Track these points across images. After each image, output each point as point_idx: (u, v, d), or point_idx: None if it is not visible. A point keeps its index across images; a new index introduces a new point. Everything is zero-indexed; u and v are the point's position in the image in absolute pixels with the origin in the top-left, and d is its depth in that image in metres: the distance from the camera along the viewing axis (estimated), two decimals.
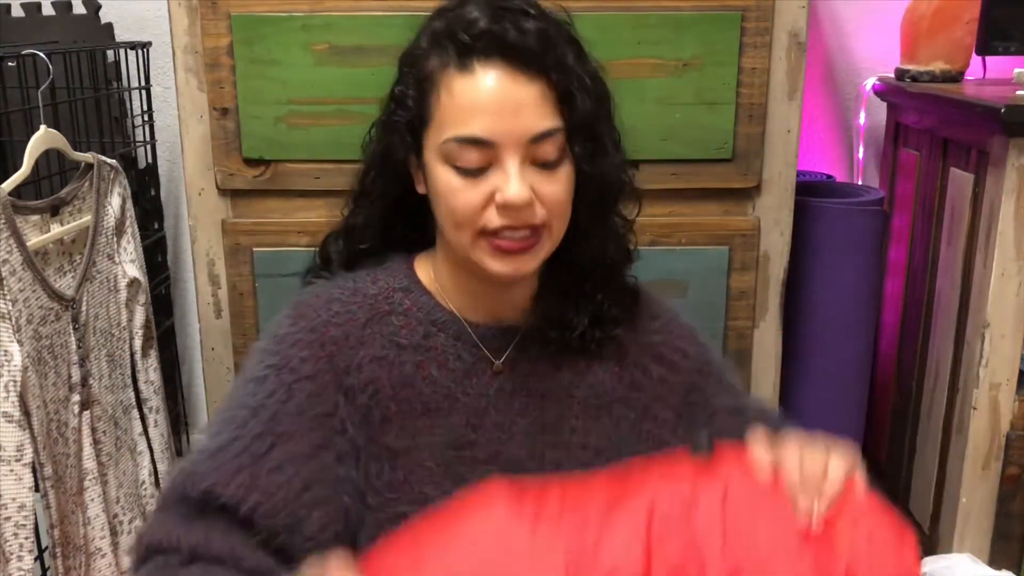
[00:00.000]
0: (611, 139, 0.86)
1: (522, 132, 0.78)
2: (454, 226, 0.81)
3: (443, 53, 0.80)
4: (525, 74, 0.78)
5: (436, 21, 0.83)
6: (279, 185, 1.36)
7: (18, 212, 1.25)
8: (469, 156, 0.78)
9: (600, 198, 0.85)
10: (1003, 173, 1.33)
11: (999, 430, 1.43)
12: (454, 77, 0.79)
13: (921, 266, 1.65)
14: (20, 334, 1.22)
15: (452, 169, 0.79)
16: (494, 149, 0.78)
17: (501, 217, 0.79)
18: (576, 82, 0.80)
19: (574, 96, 0.80)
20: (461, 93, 0.79)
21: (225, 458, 0.79)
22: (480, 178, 0.79)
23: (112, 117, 1.73)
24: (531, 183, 0.79)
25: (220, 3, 1.29)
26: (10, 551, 1.21)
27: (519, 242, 0.80)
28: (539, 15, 0.81)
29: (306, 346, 0.83)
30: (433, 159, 0.81)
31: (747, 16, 1.31)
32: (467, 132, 0.78)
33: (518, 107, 0.78)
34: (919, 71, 1.67)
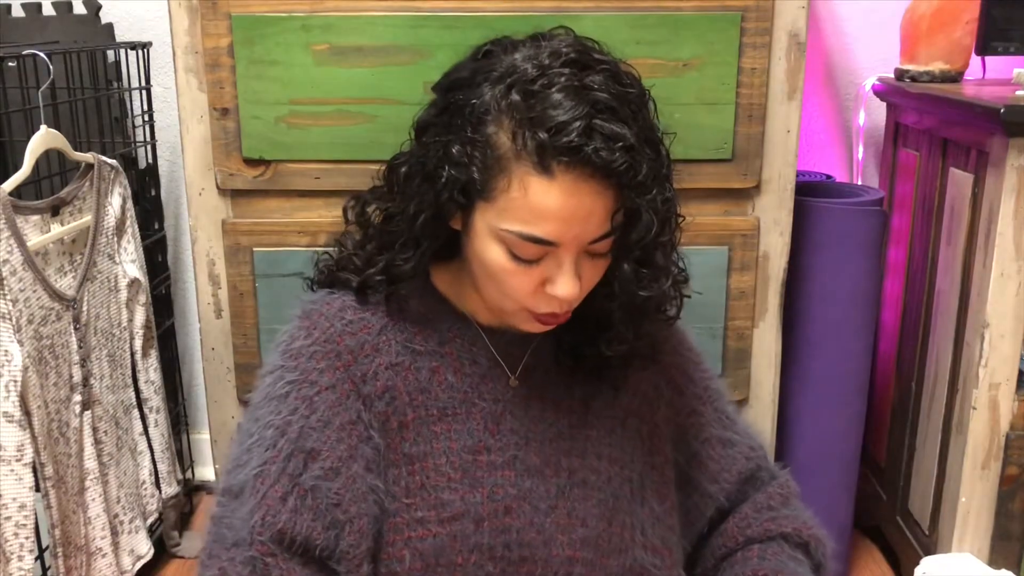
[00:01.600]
0: (664, 265, 0.83)
1: (585, 236, 0.77)
2: (498, 295, 0.81)
3: (520, 140, 0.74)
4: (601, 183, 0.74)
5: (513, 93, 0.75)
6: (279, 185, 1.36)
7: (18, 212, 1.25)
8: (529, 250, 0.77)
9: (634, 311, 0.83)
10: (1003, 173, 1.34)
11: (999, 430, 1.43)
12: (531, 175, 0.74)
13: (921, 266, 1.65)
14: (21, 334, 1.22)
15: (507, 253, 0.78)
16: (555, 247, 0.77)
17: (549, 305, 0.80)
18: (644, 205, 0.77)
19: (639, 218, 0.77)
20: (535, 195, 0.74)
21: (266, 486, 0.79)
22: (534, 267, 0.78)
23: (112, 117, 1.73)
24: (579, 271, 0.79)
25: (220, 3, 1.29)
26: (11, 551, 1.22)
27: (557, 317, 0.82)
28: (628, 110, 0.76)
29: (323, 357, 0.83)
30: (485, 232, 0.78)
31: (747, 16, 1.32)
32: (535, 233, 0.75)
33: (588, 215, 0.75)
34: (919, 71, 1.67)
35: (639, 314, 0.84)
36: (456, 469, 0.83)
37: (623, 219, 0.77)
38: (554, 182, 0.74)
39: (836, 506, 1.65)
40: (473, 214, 0.79)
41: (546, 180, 0.74)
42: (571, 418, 0.88)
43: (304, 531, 0.78)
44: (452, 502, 0.81)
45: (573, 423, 0.88)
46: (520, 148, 0.74)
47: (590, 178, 0.74)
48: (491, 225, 0.77)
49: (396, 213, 0.86)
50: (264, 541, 0.77)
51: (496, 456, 0.84)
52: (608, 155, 0.72)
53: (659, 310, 0.89)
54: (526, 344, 0.88)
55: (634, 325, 0.85)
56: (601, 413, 0.89)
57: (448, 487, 0.83)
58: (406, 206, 0.83)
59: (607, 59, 0.78)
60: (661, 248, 0.81)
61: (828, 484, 1.63)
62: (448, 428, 0.84)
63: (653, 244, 0.79)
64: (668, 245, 0.83)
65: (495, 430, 0.85)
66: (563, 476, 0.85)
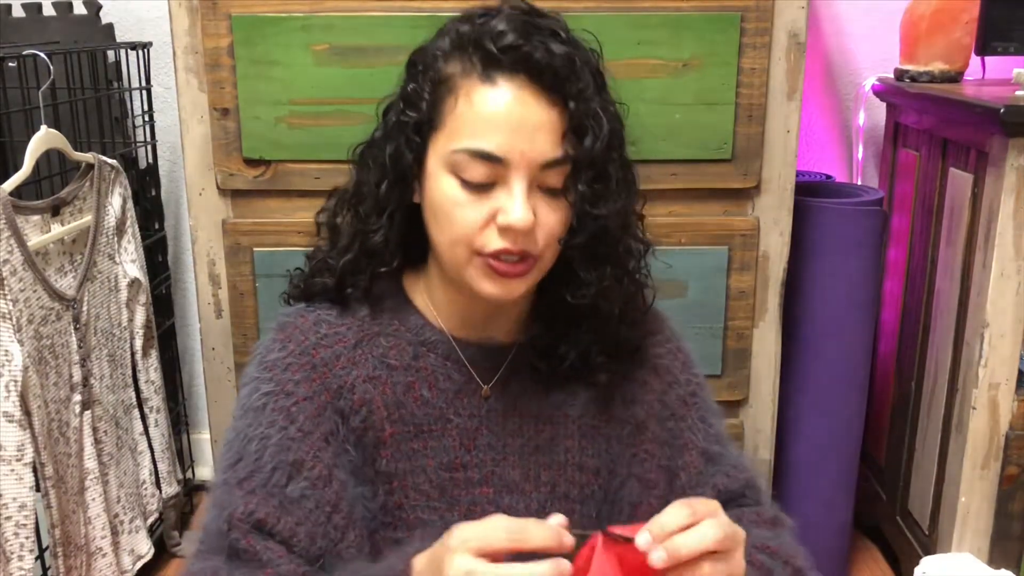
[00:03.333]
0: (620, 182, 0.82)
1: (535, 156, 0.76)
2: (450, 242, 0.79)
3: (466, 59, 0.78)
4: (547, 97, 0.76)
5: (462, 25, 0.81)
6: (279, 185, 1.36)
7: (19, 212, 1.25)
8: (477, 170, 0.76)
9: (593, 241, 0.82)
10: (1002, 173, 1.34)
11: (998, 430, 1.43)
12: (475, 85, 0.77)
13: (920, 266, 1.65)
14: (21, 334, 1.22)
15: (457, 181, 0.77)
16: (504, 168, 0.76)
17: (500, 239, 0.77)
18: (592, 118, 0.78)
19: (586, 132, 0.78)
20: (481, 103, 0.77)
21: (252, 486, 0.78)
22: (484, 195, 0.77)
23: (113, 117, 1.73)
24: (534, 208, 0.77)
25: (220, 3, 1.29)
26: (11, 551, 1.22)
27: (513, 266, 0.78)
28: (568, 40, 0.79)
29: (298, 369, 0.82)
30: (438, 167, 0.79)
31: (747, 16, 1.32)
32: (481, 146, 0.76)
33: (535, 129, 0.76)
34: (918, 71, 1.67)
35: (598, 244, 0.82)
36: (434, 487, 0.82)
37: (574, 141, 0.77)
38: (498, 89, 0.76)
39: (836, 506, 1.65)
40: (427, 160, 0.80)
41: (490, 87, 0.76)
42: (549, 430, 0.86)
43: (287, 532, 0.76)
44: (431, 522, 0.80)
45: (551, 435, 0.86)
46: (465, 64, 0.78)
47: (534, 86, 0.76)
48: (442, 155, 0.78)
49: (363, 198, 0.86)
50: (246, 528, 0.76)
51: (473, 473, 0.83)
52: (548, 58, 0.76)
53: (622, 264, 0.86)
54: (502, 356, 0.87)
55: (596, 265, 0.83)
56: (580, 422, 0.87)
57: (427, 506, 0.82)
58: (370, 179, 0.85)
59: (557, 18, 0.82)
60: (613, 164, 0.81)
61: (828, 484, 1.63)
62: (424, 445, 0.83)
63: (604, 157, 0.79)
64: (620, 162, 0.82)
65: (471, 446, 0.84)
66: (543, 490, 0.84)
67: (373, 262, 0.85)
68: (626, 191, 0.83)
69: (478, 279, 0.79)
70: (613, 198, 0.80)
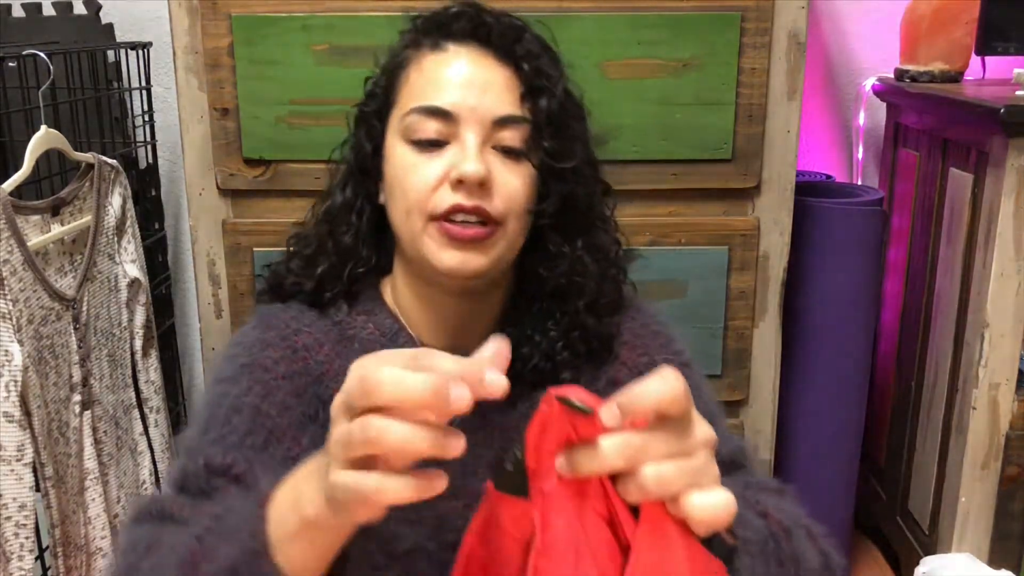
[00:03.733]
0: (584, 155, 0.82)
1: (486, 111, 0.76)
2: (405, 212, 0.77)
3: (418, 39, 0.81)
4: (496, 57, 0.78)
5: (417, 20, 0.83)
6: (279, 185, 1.36)
7: (19, 212, 1.25)
8: (428, 128, 0.76)
9: (564, 211, 0.81)
10: (1002, 173, 1.34)
11: (998, 430, 1.43)
12: (426, 55, 0.79)
13: (920, 266, 1.65)
14: (21, 334, 1.22)
15: (409, 145, 0.77)
16: (455, 124, 0.76)
17: (454, 195, 0.75)
18: (546, 80, 0.79)
19: (541, 92, 0.78)
20: (430, 68, 0.78)
21: (225, 445, 0.73)
22: (436, 153, 0.76)
23: (113, 117, 1.73)
24: (489, 165, 0.76)
25: (220, 3, 1.29)
26: (11, 551, 1.22)
27: (470, 229, 0.75)
28: (521, 23, 0.81)
29: (278, 349, 0.79)
30: (393, 140, 0.79)
31: (747, 16, 1.32)
32: (429, 102, 0.76)
33: (486, 85, 0.76)
34: (919, 71, 1.67)
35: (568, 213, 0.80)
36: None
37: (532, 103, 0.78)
38: (447, 53, 0.79)
39: (836, 506, 1.65)
40: (387, 141, 0.81)
41: (440, 54, 0.79)
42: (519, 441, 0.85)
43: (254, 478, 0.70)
44: (402, 536, 0.78)
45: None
46: (418, 42, 0.80)
47: (483, 49, 0.78)
48: (396, 127, 0.79)
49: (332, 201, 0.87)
50: (208, 469, 0.71)
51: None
52: (496, 24, 0.78)
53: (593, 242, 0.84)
54: None
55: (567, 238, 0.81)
56: None
57: (396, 517, 0.79)
58: (337, 181, 0.87)
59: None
60: (573, 127, 0.81)
61: (828, 484, 1.63)
62: None
63: (562, 117, 0.79)
64: (582, 137, 0.83)
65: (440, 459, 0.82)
66: None
67: (347, 262, 0.84)
68: (590, 165, 0.84)
69: (435, 250, 0.76)
70: (576, 156, 0.80)
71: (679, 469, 0.52)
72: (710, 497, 0.52)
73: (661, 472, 0.51)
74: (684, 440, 0.52)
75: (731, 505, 0.53)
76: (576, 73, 0.84)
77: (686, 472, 0.52)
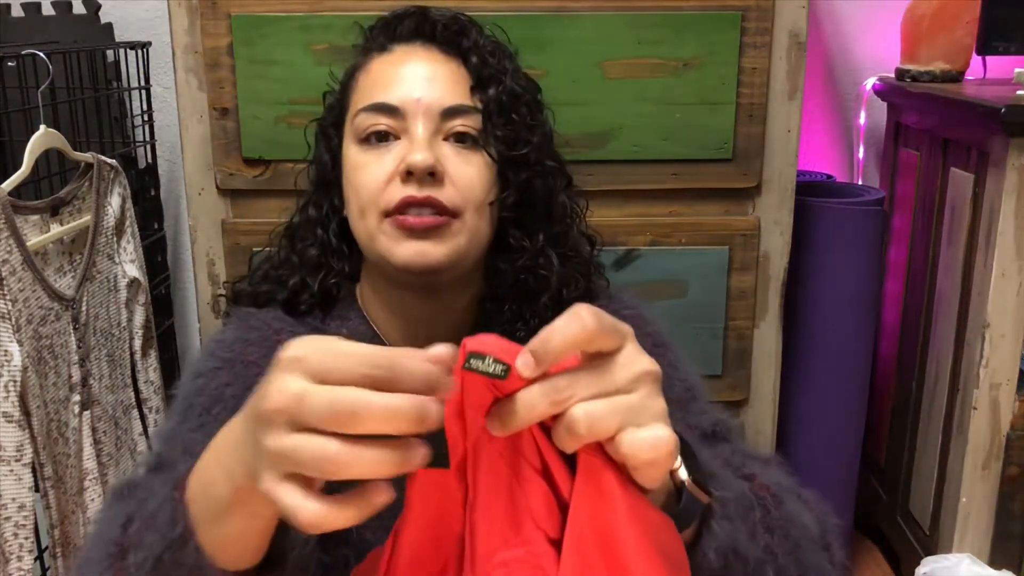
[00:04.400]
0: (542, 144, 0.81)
1: (432, 100, 0.76)
2: (359, 212, 0.77)
3: (368, 46, 0.82)
4: (443, 52, 0.79)
5: (366, 29, 0.85)
6: (279, 185, 1.36)
7: (18, 212, 1.25)
8: (377, 124, 0.76)
9: (525, 204, 0.79)
10: (1003, 173, 1.33)
11: (999, 430, 1.43)
12: (373, 58, 0.81)
13: (921, 266, 1.65)
14: (20, 334, 1.22)
15: (360, 145, 0.77)
16: (403, 119, 0.76)
17: (405, 187, 0.74)
18: (494, 69, 0.79)
19: (490, 81, 0.78)
20: (377, 69, 0.79)
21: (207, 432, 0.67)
22: (386, 149, 0.76)
23: (112, 117, 1.72)
24: (440, 156, 0.75)
25: (220, 3, 1.29)
26: (10, 551, 1.21)
27: (424, 219, 0.73)
28: (468, 20, 0.82)
29: (260, 347, 0.78)
30: (347, 144, 0.79)
31: (747, 16, 1.31)
32: (375, 99, 0.77)
33: (432, 78, 0.77)
34: (919, 71, 1.67)
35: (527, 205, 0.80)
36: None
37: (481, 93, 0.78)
38: (393, 54, 0.80)
39: (836, 506, 1.63)
40: (343, 150, 0.81)
41: (386, 55, 0.80)
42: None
43: None
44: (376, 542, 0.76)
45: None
46: (367, 47, 0.82)
47: (429, 45, 0.79)
48: (348, 130, 0.79)
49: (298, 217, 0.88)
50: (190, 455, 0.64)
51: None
52: (440, 19, 0.79)
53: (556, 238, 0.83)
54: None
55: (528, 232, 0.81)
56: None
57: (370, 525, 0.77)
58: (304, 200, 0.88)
59: None
60: (527, 107, 0.81)
61: (828, 484, 1.63)
62: None
63: (513, 104, 0.79)
64: (534, 105, 0.82)
65: None
66: None
67: (316, 275, 0.84)
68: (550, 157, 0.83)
69: (391, 246, 0.75)
70: (532, 145, 0.80)
71: (611, 405, 0.48)
72: (645, 433, 0.48)
73: (590, 410, 0.47)
74: (616, 375, 0.48)
75: (670, 442, 0.49)
76: (576, 73, 0.84)
77: (620, 409, 0.48)
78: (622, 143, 1.33)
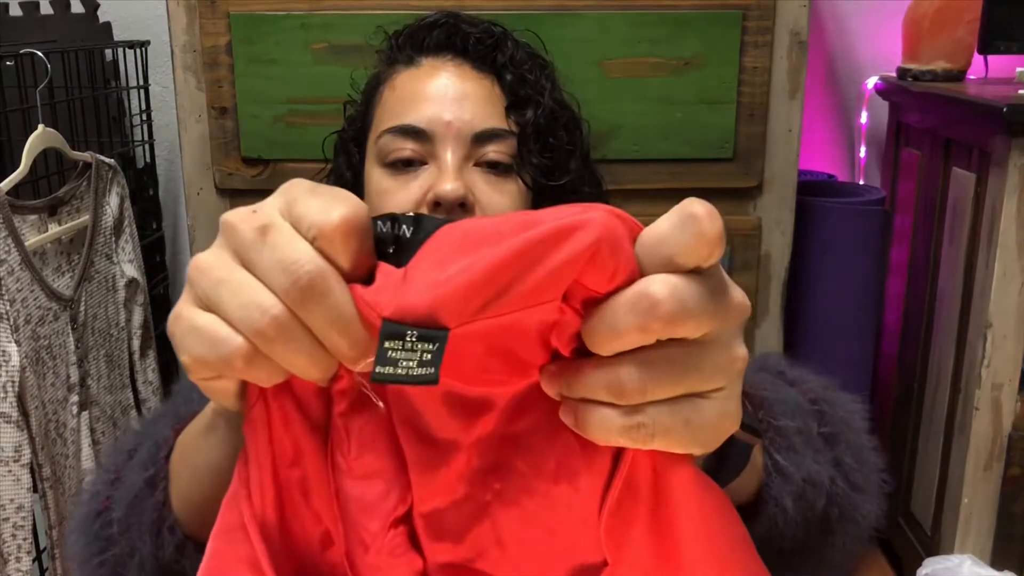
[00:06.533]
0: (580, 169, 0.77)
1: (463, 124, 0.70)
2: None
3: (394, 56, 0.77)
4: (475, 68, 0.73)
5: (392, 36, 0.80)
6: (278, 185, 1.35)
7: (16, 212, 1.24)
8: (403, 148, 0.71)
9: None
10: (1005, 173, 1.33)
11: (1001, 430, 1.42)
12: (400, 72, 0.75)
13: (923, 266, 1.64)
14: (18, 334, 1.22)
15: (384, 169, 0.72)
16: (431, 143, 0.70)
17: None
18: (531, 89, 0.73)
19: (527, 102, 0.73)
20: (403, 85, 0.73)
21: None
22: (413, 176, 0.71)
23: (110, 116, 1.72)
24: (471, 185, 0.70)
25: (219, 2, 1.29)
26: (8, 552, 1.21)
27: None
28: (503, 30, 0.77)
29: None
30: (370, 164, 0.74)
31: (748, 15, 1.31)
32: (401, 121, 0.71)
33: (462, 99, 0.71)
34: (921, 70, 1.66)
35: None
36: None
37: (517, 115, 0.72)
38: (421, 68, 0.74)
39: None
40: (365, 167, 0.76)
41: (414, 69, 0.74)
42: None
43: None
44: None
45: None
46: (393, 59, 0.77)
47: (459, 59, 0.74)
48: (372, 149, 0.74)
49: None
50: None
51: None
52: (472, 32, 0.74)
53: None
54: None
55: None
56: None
57: None
58: None
59: None
60: (565, 138, 0.76)
61: None
62: None
63: (551, 128, 0.73)
64: (572, 125, 0.77)
65: None
66: None
67: None
68: (589, 181, 0.78)
69: None
70: (570, 172, 0.75)
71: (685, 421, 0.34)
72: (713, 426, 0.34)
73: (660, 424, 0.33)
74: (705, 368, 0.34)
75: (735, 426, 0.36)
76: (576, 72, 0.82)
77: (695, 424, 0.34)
78: (622, 143, 1.33)
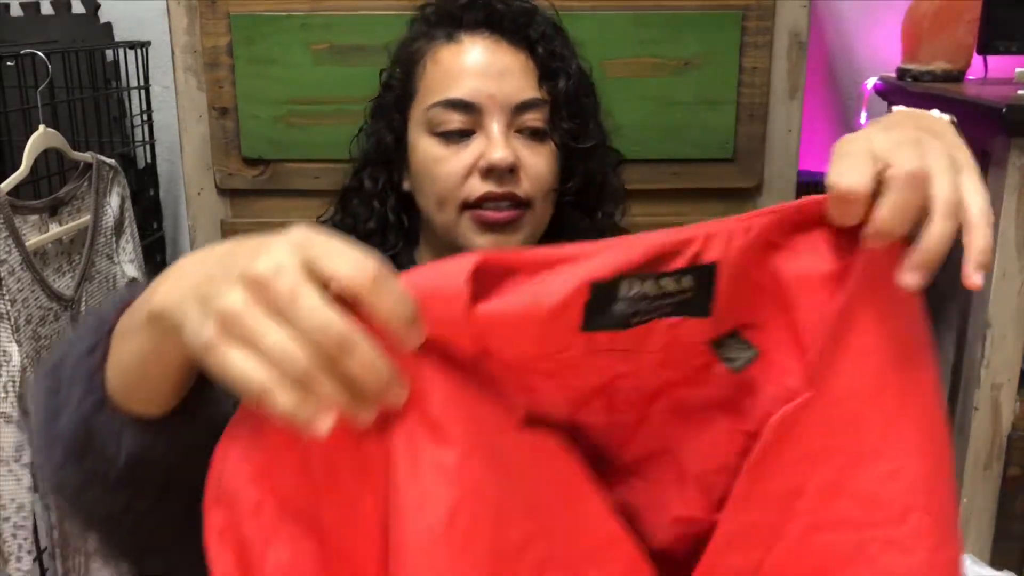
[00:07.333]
0: (598, 130, 0.86)
1: (506, 97, 0.79)
2: (437, 203, 0.80)
3: (431, 31, 0.83)
4: (511, 43, 0.81)
5: (427, 9, 0.86)
6: (278, 185, 1.36)
7: (17, 212, 1.24)
8: (452, 120, 0.79)
9: (585, 187, 0.85)
10: (1005, 173, 1.33)
11: (1000, 431, 1.43)
12: (440, 47, 0.82)
13: None
14: (19, 334, 1.22)
15: (435, 138, 0.80)
16: (478, 114, 0.79)
17: (485, 183, 0.78)
18: (560, 61, 0.82)
19: (558, 73, 0.81)
20: (447, 60, 0.81)
21: None
22: (463, 145, 0.79)
23: (111, 117, 1.72)
24: (516, 150, 0.79)
25: (219, 2, 1.29)
26: (9, 552, 1.21)
27: (503, 213, 0.78)
28: (531, 6, 0.84)
29: None
30: (417, 133, 0.82)
31: (748, 15, 1.31)
32: (451, 95, 0.79)
33: (503, 72, 0.79)
34: (920, 70, 1.66)
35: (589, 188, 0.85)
36: None
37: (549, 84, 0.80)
38: (462, 45, 0.81)
39: None
40: (409, 133, 0.83)
41: (454, 45, 0.81)
42: None
43: None
44: None
45: None
46: (431, 34, 0.83)
47: (496, 36, 0.80)
48: (418, 120, 0.81)
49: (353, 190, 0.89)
50: None
51: None
52: (505, 8, 0.81)
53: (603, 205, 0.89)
54: None
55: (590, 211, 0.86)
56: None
57: None
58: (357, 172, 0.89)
59: None
60: (587, 105, 0.85)
61: None
62: None
63: (578, 96, 0.82)
64: (594, 108, 0.87)
65: None
66: None
67: (372, 248, 0.84)
68: (604, 139, 0.88)
69: (471, 236, 0.79)
70: (593, 135, 0.85)
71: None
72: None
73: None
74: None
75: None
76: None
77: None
78: (622, 143, 1.32)
